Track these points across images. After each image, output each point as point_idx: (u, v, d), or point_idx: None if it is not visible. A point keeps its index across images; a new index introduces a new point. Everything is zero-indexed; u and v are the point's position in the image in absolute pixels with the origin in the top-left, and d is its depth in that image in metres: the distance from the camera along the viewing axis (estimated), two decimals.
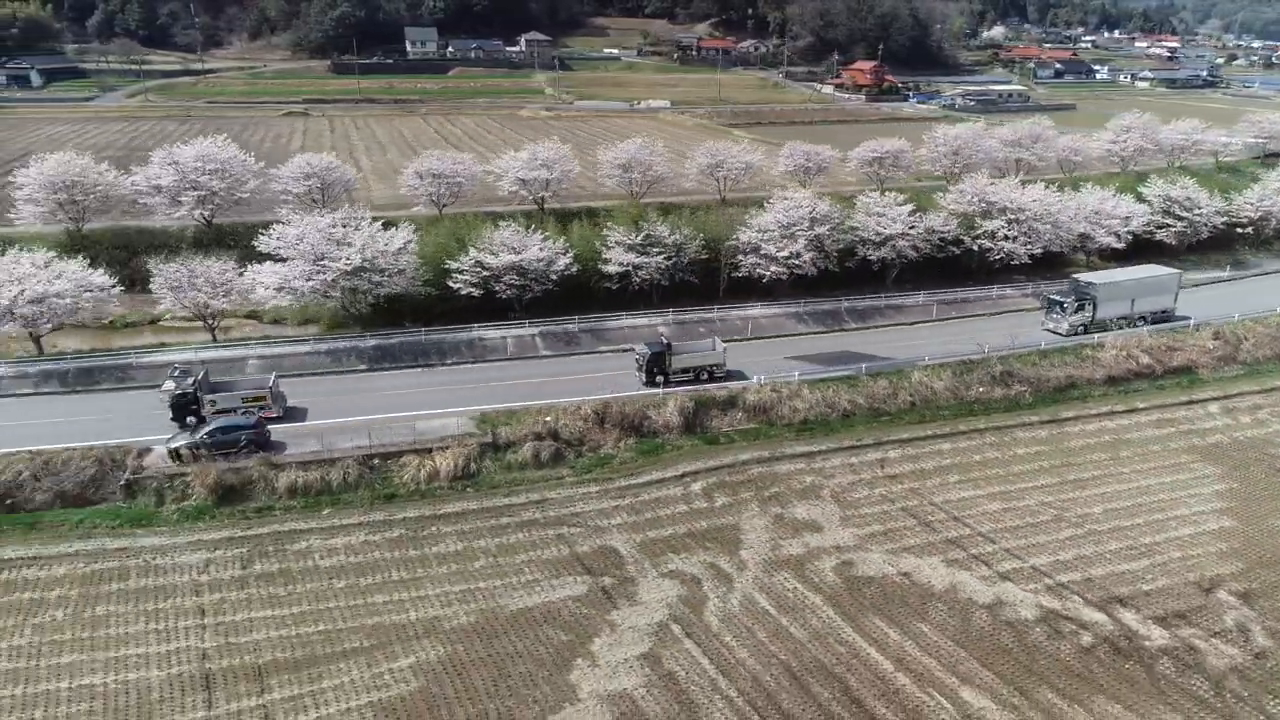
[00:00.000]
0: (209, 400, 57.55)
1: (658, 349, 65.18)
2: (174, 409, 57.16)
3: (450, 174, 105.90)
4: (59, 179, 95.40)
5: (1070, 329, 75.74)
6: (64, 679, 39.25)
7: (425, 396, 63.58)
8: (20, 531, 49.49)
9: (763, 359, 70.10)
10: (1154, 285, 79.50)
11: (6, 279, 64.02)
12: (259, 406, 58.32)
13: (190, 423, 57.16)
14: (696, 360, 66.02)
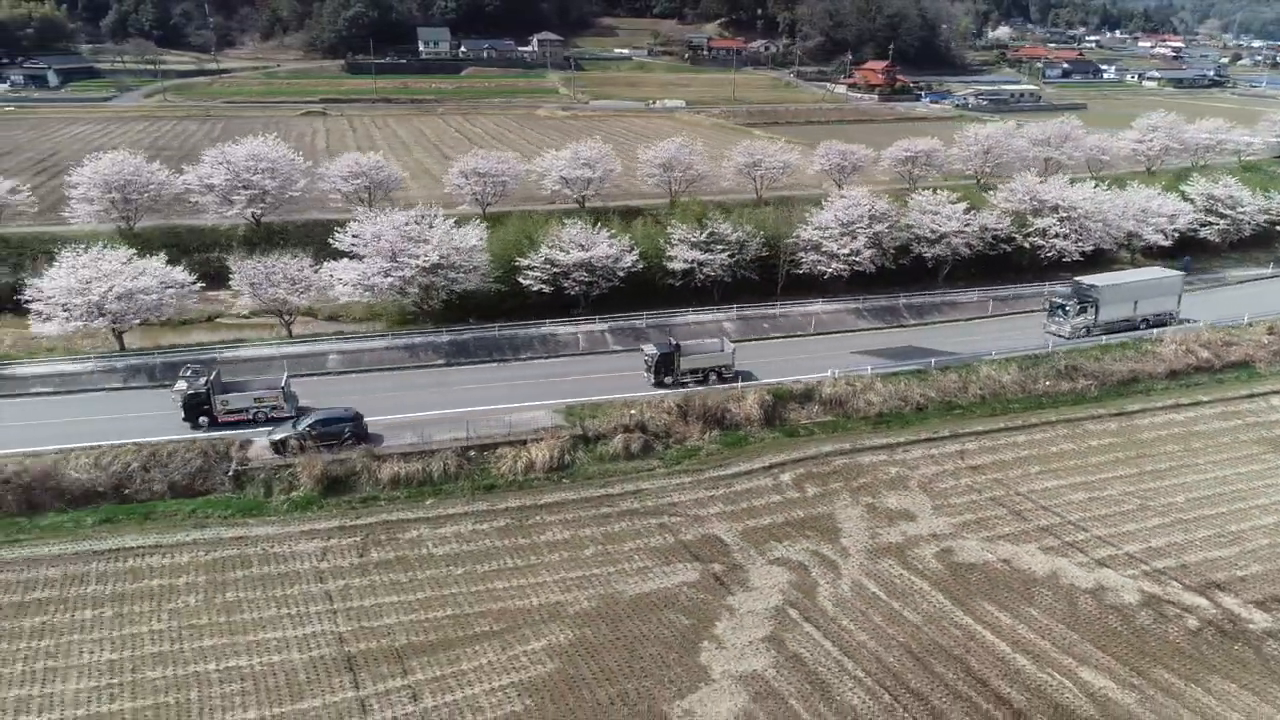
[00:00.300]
0: (221, 400, 57.54)
1: (666, 350, 64.90)
2: (186, 409, 56.96)
3: (495, 173, 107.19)
4: (113, 178, 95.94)
5: (1073, 332, 75.22)
6: (210, 661, 40.33)
7: (504, 391, 65.03)
8: (136, 521, 50.59)
9: (829, 354, 71.47)
10: (1157, 288, 78.90)
11: (95, 275, 64.87)
12: (270, 407, 58.47)
13: (203, 423, 57.85)
14: (705, 361, 65.64)
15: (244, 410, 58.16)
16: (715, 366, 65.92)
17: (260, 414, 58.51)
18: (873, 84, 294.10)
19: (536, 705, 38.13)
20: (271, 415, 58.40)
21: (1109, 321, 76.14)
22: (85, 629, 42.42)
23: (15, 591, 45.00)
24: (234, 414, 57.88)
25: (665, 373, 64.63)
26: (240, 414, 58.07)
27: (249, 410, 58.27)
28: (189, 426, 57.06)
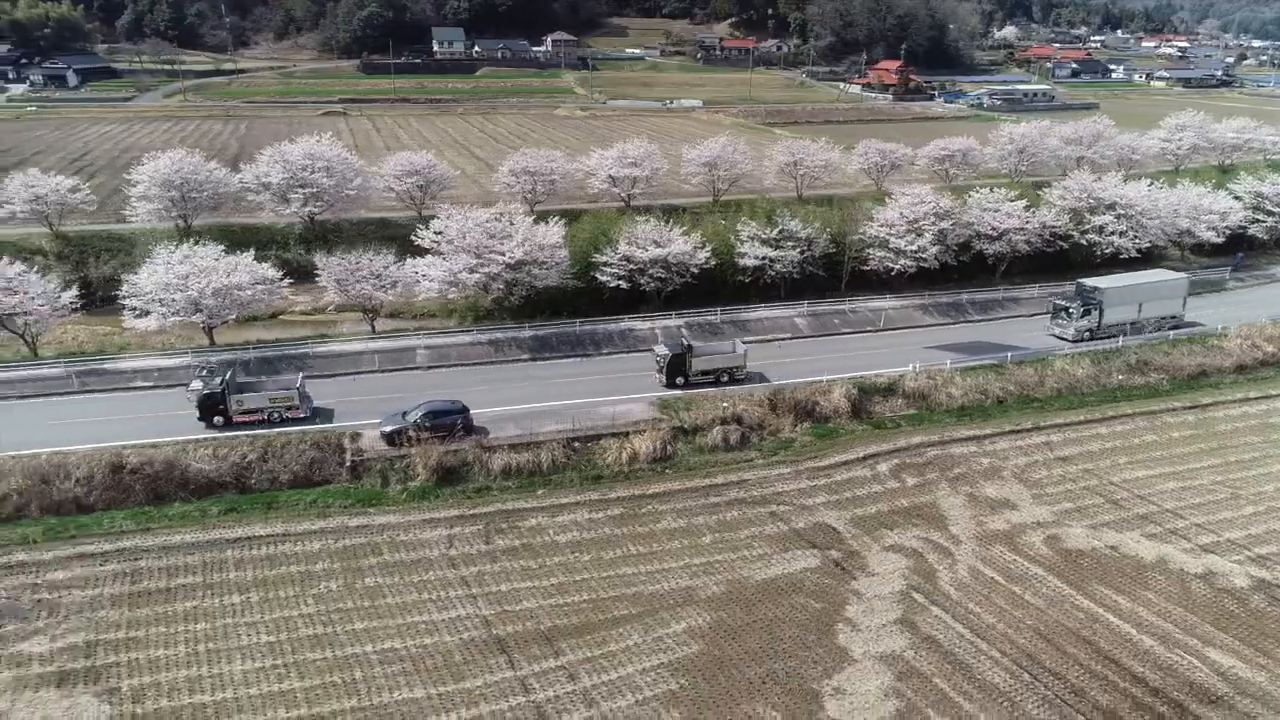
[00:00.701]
0: (236, 400, 57.54)
1: (678, 350, 64.83)
2: (201, 409, 57.13)
3: (545, 171, 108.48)
4: (173, 176, 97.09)
5: (1076, 334, 74.91)
6: (365, 644, 41.71)
7: (592, 385, 66.22)
8: (260, 510, 51.92)
9: (902, 348, 73.08)
10: (1162, 290, 78.43)
11: (192, 271, 66.13)
12: (285, 407, 58.41)
13: (218, 422, 58.03)
14: (717, 362, 65.70)
15: (259, 410, 58.12)
16: (728, 368, 66.00)
17: (275, 414, 58.49)
18: (887, 84, 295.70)
19: (690, 684, 39.47)
20: (286, 416, 58.62)
21: (1113, 324, 75.95)
22: (236, 613, 43.65)
23: (159, 578, 46.25)
24: (249, 414, 57.82)
25: (677, 373, 64.63)
26: (255, 414, 58.01)
27: (264, 410, 58.22)
28: (203, 426, 57.35)
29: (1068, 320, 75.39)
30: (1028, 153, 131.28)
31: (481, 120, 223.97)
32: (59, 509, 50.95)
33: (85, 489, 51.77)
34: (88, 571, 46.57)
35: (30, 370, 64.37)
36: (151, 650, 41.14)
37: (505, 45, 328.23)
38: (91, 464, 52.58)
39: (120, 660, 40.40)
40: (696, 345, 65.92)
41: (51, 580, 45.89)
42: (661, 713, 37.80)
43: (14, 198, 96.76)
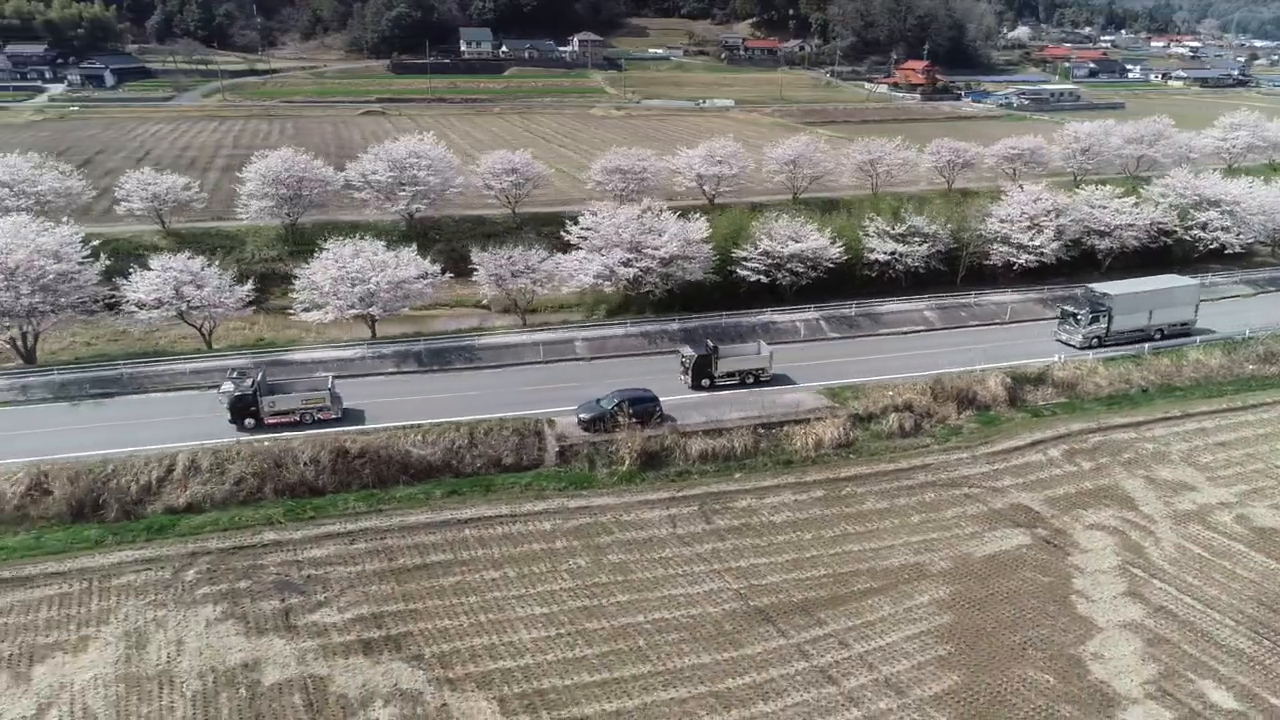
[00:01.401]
0: (268, 402, 57.37)
1: (704, 352, 64.77)
2: (232, 410, 57.02)
3: (636, 170, 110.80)
4: (284, 175, 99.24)
5: (1084, 341, 73.61)
6: (635, 615, 44.24)
7: None
8: (479, 493, 54.40)
9: (1033, 340, 76.00)
10: (1173, 296, 76.52)
11: (367, 265, 68.46)
12: (317, 408, 58.32)
13: (249, 424, 57.59)
14: (742, 364, 65.68)
15: (290, 412, 57.93)
16: (752, 369, 65.85)
17: (307, 415, 58.31)
18: (914, 84, 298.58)
19: (957, 650, 42.05)
20: (318, 417, 58.39)
21: (1122, 331, 74.69)
22: (500, 587, 46.14)
23: (411, 555, 48.74)
24: (280, 415, 57.65)
25: (702, 375, 64.70)
26: (286, 415, 57.81)
27: (296, 412, 58.05)
28: (235, 429, 57.11)
29: (1075, 326, 74.06)
30: (1092, 151, 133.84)
31: (521, 120, 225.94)
32: (292, 491, 53.19)
33: (314, 472, 53.73)
34: (340, 550, 48.87)
35: (218, 361, 66.55)
36: (436, 621, 43.44)
37: (532, 45, 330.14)
38: (316, 448, 54.63)
39: (412, 630, 42.71)
40: (722, 347, 66.19)
41: (310, 558, 48.17)
42: (940, 675, 40.21)
43: (132, 195, 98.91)
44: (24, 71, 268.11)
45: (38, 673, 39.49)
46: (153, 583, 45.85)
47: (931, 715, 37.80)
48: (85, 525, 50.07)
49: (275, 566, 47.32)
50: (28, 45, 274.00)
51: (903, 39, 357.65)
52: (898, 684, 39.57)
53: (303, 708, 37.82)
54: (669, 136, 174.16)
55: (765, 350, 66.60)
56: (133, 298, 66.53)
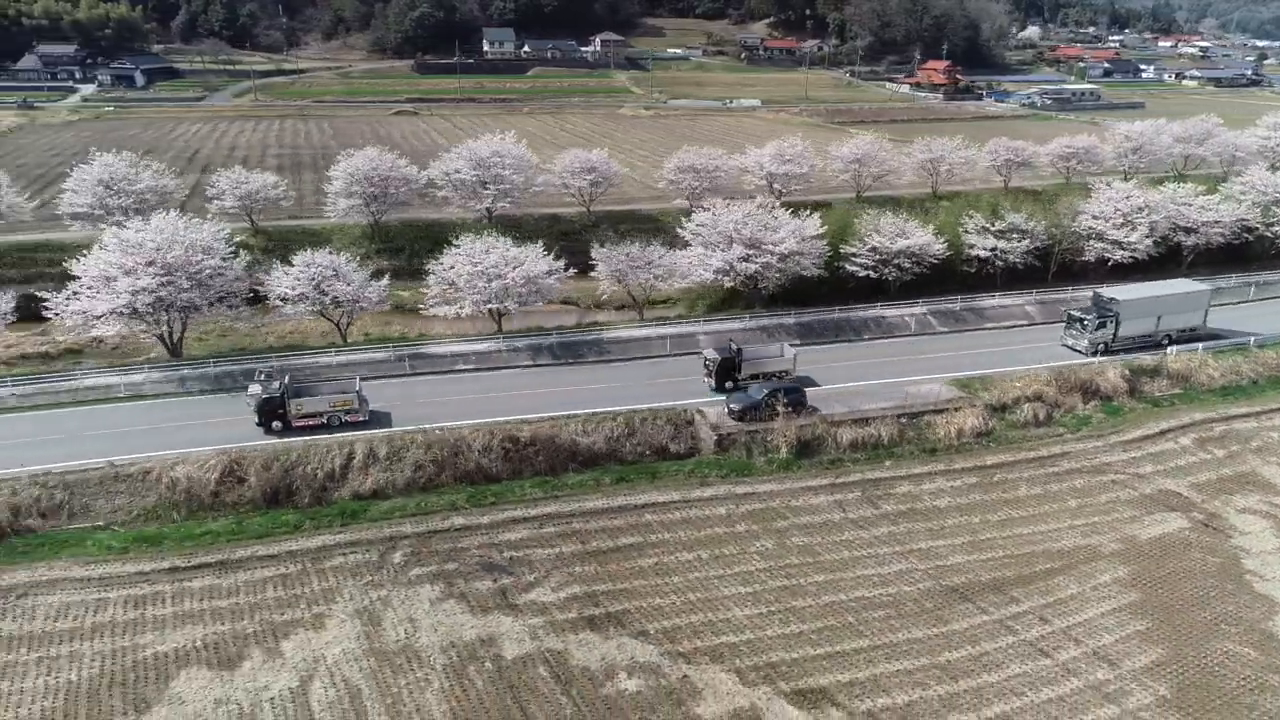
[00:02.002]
0: (295, 404, 57.14)
1: (728, 354, 64.48)
2: (260, 413, 56.64)
3: (708, 168, 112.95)
4: (372, 173, 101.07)
5: (1090, 346, 72.26)
6: (836, 593, 46.48)
7: (868, 367, 70.81)
8: (646, 479, 56.57)
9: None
10: (1182, 302, 75.23)
11: (500, 260, 70.36)
12: (345, 410, 58.15)
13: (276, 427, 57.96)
14: (766, 366, 65.40)
15: (318, 414, 57.61)
16: (776, 371, 65.49)
17: (335, 418, 57.97)
18: (937, 83, 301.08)
19: (1154, 625, 44.14)
20: (346, 420, 58.11)
21: (1130, 336, 73.23)
22: (698, 568, 48.41)
23: (601, 538, 50.94)
24: (308, 418, 57.32)
25: (727, 377, 64.40)
26: (314, 418, 57.49)
27: (323, 414, 57.71)
28: (262, 431, 56.86)
29: (1082, 332, 72.64)
30: (1144, 150, 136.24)
31: (553, 120, 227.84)
32: (469, 478, 55.06)
33: (488, 459, 55.61)
34: (531, 533, 50.97)
35: (363, 354, 68.51)
36: (648, 600, 45.45)
37: (554, 45, 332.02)
38: (489, 437, 56.54)
39: (628, 608, 44.68)
40: (746, 349, 65.60)
41: (505, 541, 50.14)
42: (1145, 648, 42.27)
43: (225, 194, 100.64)
44: (54, 71, 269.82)
45: (287, 648, 41.30)
46: (363, 564, 47.61)
47: (1149, 685, 39.78)
48: (281, 510, 51.62)
49: (476, 549, 49.13)
50: (58, 46, 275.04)
51: (919, 39, 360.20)
52: (1108, 656, 41.55)
53: (551, 679, 39.68)
54: (705, 136, 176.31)
55: (789, 352, 66.22)
56: (278, 292, 68.00)
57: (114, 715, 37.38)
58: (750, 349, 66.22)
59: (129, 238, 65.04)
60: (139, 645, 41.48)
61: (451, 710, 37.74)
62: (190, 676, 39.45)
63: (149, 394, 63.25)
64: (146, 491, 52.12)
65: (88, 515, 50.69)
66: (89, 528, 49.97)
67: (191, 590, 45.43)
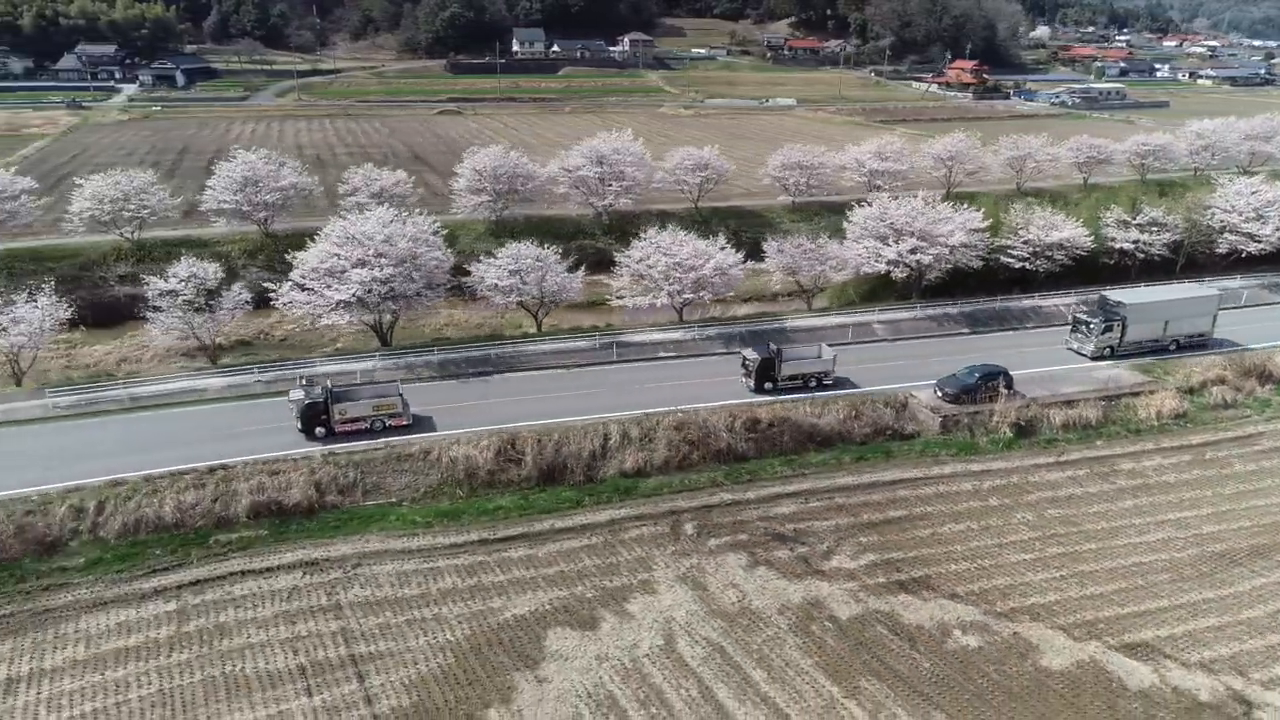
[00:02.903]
0: (339, 409, 55.74)
1: (767, 355, 63.62)
2: (303, 419, 55.48)
3: (812, 165, 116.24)
4: (498, 170, 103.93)
5: (1096, 350, 71.00)
6: (1114, 559, 49.59)
7: (1037, 354, 73.39)
8: (882, 458, 59.75)
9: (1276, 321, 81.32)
10: (1189, 307, 73.75)
11: (692, 253, 73.39)
12: (388, 414, 57.04)
13: (319, 433, 56.40)
14: (805, 367, 64.61)
15: (361, 419, 56.32)
16: (815, 372, 64.96)
17: (378, 422, 56.63)
18: (965, 83, 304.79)
19: None
20: (390, 424, 57.03)
21: (1137, 341, 72.03)
22: (973, 538, 51.66)
23: (870, 511, 54.00)
24: (351, 423, 56.01)
25: (766, 378, 63.81)
26: (357, 423, 56.19)
27: (367, 419, 56.40)
28: (304, 438, 55.76)
29: (1087, 335, 71.26)
30: (1215, 147, 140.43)
31: (597, 119, 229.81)
32: (720, 456, 58.07)
33: (736, 439, 58.74)
34: (799, 507, 54.22)
35: (566, 344, 71.60)
36: (943, 566, 48.74)
37: (583, 45, 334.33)
38: (730, 419, 59.67)
39: (929, 574, 47.87)
40: (786, 349, 65.34)
41: (779, 514, 53.25)
42: None
43: (359, 189, 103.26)
44: (94, 71, 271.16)
45: (634, 610, 44.28)
46: (659, 536, 50.64)
47: None
48: (557, 487, 54.54)
49: (756, 522, 51.95)
50: (98, 46, 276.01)
51: (939, 39, 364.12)
52: None
53: (893, 636, 42.76)
54: (755, 134, 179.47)
55: (828, 353, 65.19)
56: (488, 281, 70.81)
57: (507, 671, 40.14)
58: (790, 350, 65.69)
59: (354, 231, 67.29)
60: (493, 609, 44.23)
61: (817, 664, 40.66)
62: (560, 636, 42.29)
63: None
64: (429, 470, 54.65)
65: (379, 493, 53.22)
66: (384, 504, 52.49)
67: (513, 559, 48.14)
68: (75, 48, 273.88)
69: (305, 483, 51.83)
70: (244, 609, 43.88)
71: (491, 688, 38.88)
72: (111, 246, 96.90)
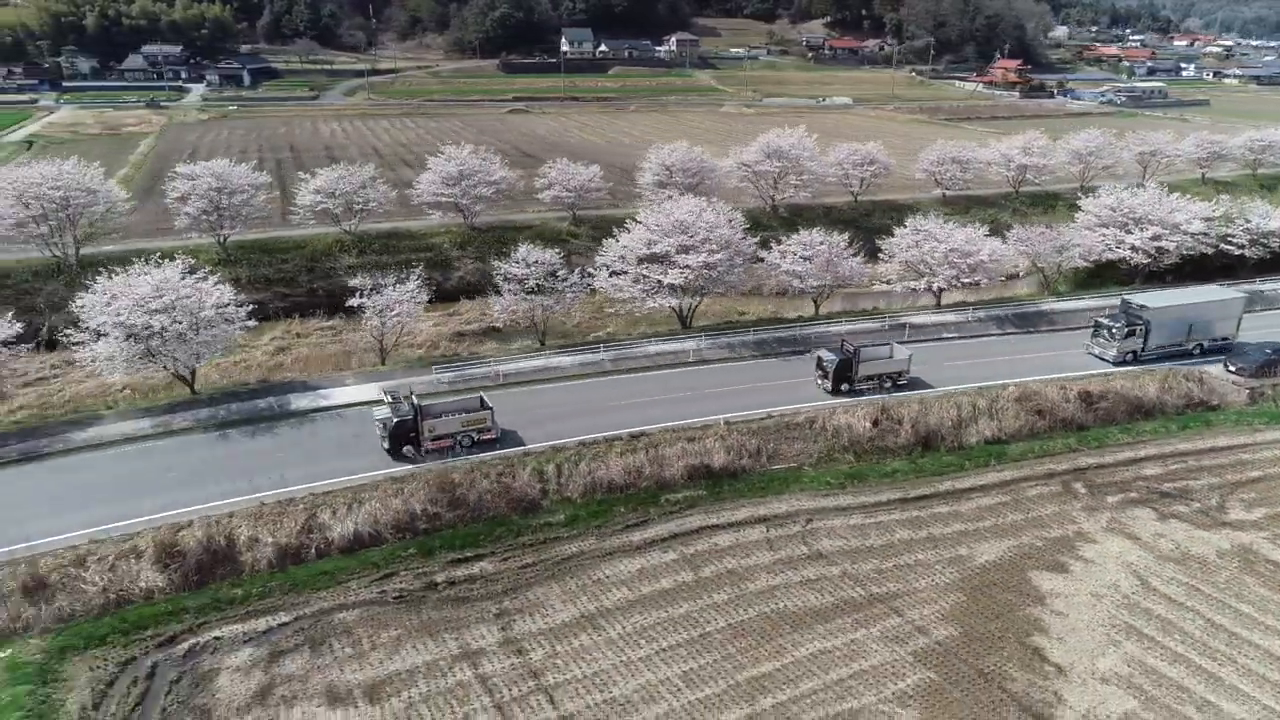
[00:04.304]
0: (428, 427, 52.69)
1: (844, 355, 62.86)
2: (391, 438, 52.38)
3: (965, 159, 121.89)
4: (685, 164, 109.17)
5: (1118, 355, 69.67)
6: None
7: None
8: (1202, 427, 64.28)
9: None
10: (1214, 310, 72.01)
11: (964, 240, 78.26)
12: (477, 429, 54.17)
13: (408, 453, 53.52)
14: (881, 368, 63.89)
15: (449, 436, 53.28)
16: (890, 373, 64.30)
17: (466, 438, 53.88)
18: (1012, 82, 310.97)
19: None
20: (479, 439, 54.30)
21: (1160, 346, 70.77)
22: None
23: (1233, 471, 58.51)
24: (440, 440, 53.16)
25: (842, 379, 63.06)
26: (446, 440, 53.27)
27: (456, 435, 53.44)
28: (391, 458, 52.87)
29: (1110, 340, 69.88)
30: None
31: (667, 117, 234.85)
32: (1064, 426, 63.06)
33: (1076, 410, 63.78)
34: (1163, 469, 58.75)
35: (857, 324, 76.18)
36: None
37: (630, 45, 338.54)
38: (1064, 390, 64.75)
39: None
40: (863, 349, 63.83)
41: (1150, 475, 58.05)
42: None
43: (555, 184, 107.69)
44: (160, 71, 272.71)
45: (1089, 555, 49.05)
46: (1055, 494, 55.44)
47: None
48: (935, 453, 59.43)
49: (1135, 481, 56.97)
50: (164, 46, 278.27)
51: (972, 39, 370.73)
52: None
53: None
54: (834, 131, 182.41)
55: (903, 353, 64.72)
56: (785, 268, 75.63)
57: (1022, 606, 44.84)
58: (866, 349, 64.30)
59: (677, 218, 71.80)
60: (962, 556, 48.91)
61: None
62: (1042, 577, 47.01)
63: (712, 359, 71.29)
64: (814, 438, 59.23)
65: (779, 458, 57.70)
66: (789, 468, 57.02)
67: (941, 515, 52.82)
68: (141, 48, 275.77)
69: (720, 448, 56.12)
70: (739, 557, 48.21)
71: (1018, 620, 43.53)
72: (334, 239, 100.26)
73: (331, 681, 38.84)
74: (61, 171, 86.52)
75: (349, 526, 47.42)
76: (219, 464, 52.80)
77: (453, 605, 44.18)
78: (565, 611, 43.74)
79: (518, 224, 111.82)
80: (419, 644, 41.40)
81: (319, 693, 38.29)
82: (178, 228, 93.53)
